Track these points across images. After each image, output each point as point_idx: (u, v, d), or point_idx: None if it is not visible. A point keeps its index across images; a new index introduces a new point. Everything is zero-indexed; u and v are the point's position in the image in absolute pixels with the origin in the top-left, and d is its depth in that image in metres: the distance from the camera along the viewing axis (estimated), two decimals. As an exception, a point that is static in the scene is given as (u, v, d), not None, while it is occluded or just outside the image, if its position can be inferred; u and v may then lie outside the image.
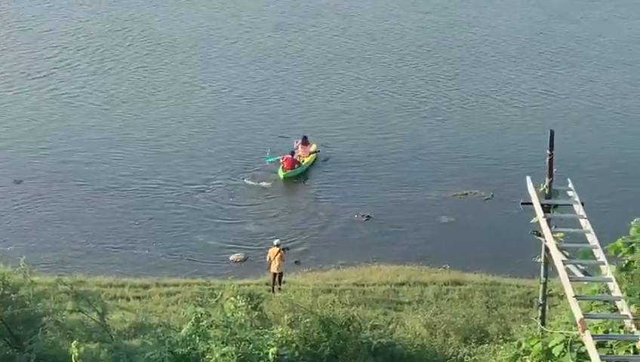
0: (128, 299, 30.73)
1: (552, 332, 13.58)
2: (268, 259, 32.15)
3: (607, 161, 42.70)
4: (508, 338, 21.68)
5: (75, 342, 16.88)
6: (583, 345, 12.59)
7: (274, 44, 55.85)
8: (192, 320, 20.37)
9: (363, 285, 32.11)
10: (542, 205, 15.35)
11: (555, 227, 15.20)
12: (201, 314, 20.43)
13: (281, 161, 41.52)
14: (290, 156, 41.51)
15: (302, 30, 58.17)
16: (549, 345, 13.27)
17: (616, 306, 13.32)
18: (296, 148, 42.43)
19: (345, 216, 38.10)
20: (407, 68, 52.85)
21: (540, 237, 15.76)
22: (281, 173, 41.34)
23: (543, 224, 14.97)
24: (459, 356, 24.41)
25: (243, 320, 21.09)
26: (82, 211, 38.09)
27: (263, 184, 40.84)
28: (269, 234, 35.64)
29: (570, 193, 15.72)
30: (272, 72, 52.00)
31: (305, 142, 42.74)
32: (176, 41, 55.89)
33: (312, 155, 42.63)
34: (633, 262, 14.23)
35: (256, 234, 36.61)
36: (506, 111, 47.82)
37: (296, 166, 41.62)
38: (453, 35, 57.72)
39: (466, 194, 39.53)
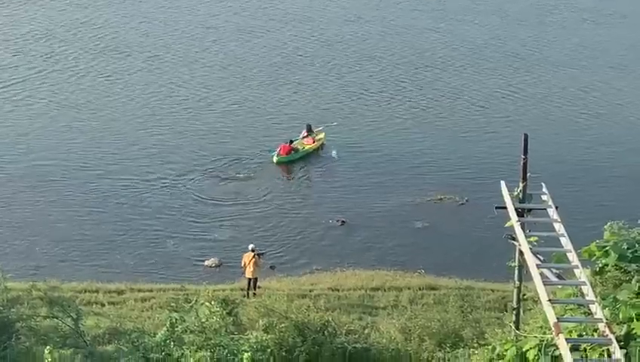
0: (103, 305, 30.55)
1: (526, 336, 13.65)
2: (243, 264, 32.08)
3: (581, 166, 42.91)
4: (482, 342, 21.75)
5: (48, 347, 16.83)
6: (557, 348, 12.65)
7: (238, 49, 55.86)
8: (167, 325, 20.34)
9: (338, 290, 32.07)
10: (516, 209, 15.42)
11: (530, 231, 15.27)
12: (176, 320, 20.41)
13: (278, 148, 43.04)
14: (288, 144, 42.90)
15: (266, 35, 58.15)
16: (524, 349, 13.33)
17: (590, 310, 13.38)
18: (302, 137, 43.91)
19: (320, 221, 38.07)
20: (379, 74, 52.88)
21: (514, 241, 15.83)
22: (275, 158, 42.56)
23: (517, 228, 15.04)
24: (433, 360, 24.42)
25: (218, 325, 21.07)
26: (56, 217, 37.86)
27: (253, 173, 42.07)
28: (244, 239, 35.49)
29: (544, 197, 15.80)
30: (238, 76, 51.98)
31: (309, 130, 44.09)
32: (145, 45, 55.80)
33: (314, 144, 43.88)
34: (607, 265, 14.32)
35: (230, 239, 36.52)
36: (480, 116, 47.96)
37: (292, 152, 42.96)
38: (422, 41, 57.82)
39: (441, 199, 39.59)
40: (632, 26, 61.44)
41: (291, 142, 43.22)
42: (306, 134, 44.16)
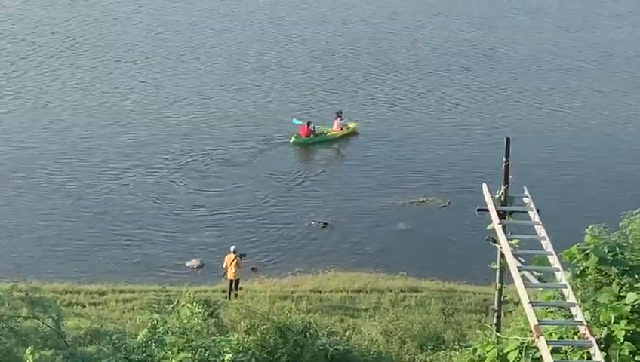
0: (84, 306, 30.48)
1: (507, 339, 13.70)
2: (224, 265, 32.03)
3: (563, 169, 43.01)
4: (464, 344, 21.81)
5: (29, 348, 16.74)
6: (538, 350, 12.70)
7: (212, 48, 55.99)
8: (148, 326, 20.27)
9: (320, 292, 32.08)
10: (498, 212, 15.45)
11: (511, 233, 15.31)
12: (157, 321, 20.33)
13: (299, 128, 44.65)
14: (306, 125, 44.45)
15: (237, 35, 58.14)
16: (504, 351, 13.39)
17: (570, 312, 13.43)
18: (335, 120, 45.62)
19: (302, 222, 38.06)
20: (355, 75, 52.79)
21: (495, 244, 15.88)
22: (292, 138, 44.28)
23: (499, 230, 15.08)
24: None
25: (199, 326, 21.02)
26: (37, 217, 37.67)
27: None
28: (226, 240, 35.47)
29: (525, 200, 15.85)
30: (218, 72, 52.27)
31: (338, 116, 45.48)
32: (118, 42, 55.85)
33: (341, 131, 45.28)
34: (588, 268, 14.39)
35: (212, 240, 36.46)
36: (463, 118, 48.01)
37: (311, 135, 44.57)
38: (398, 43, 57.83)
39: (423, 201, 39.65)
40: (609, 29, 61.73)
41: (309, 124, 44.50)
42: (335, 119, 45.50)
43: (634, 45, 58.81)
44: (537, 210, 15.40)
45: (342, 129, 45.42)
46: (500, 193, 15.95)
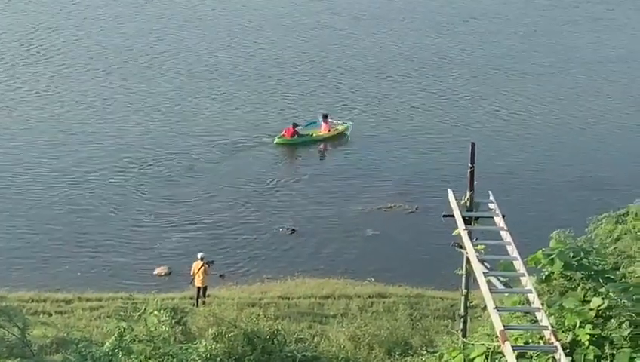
0: (50, 314, 30.29)
1: (473, 344, 13.72)
2: (192, 272, 31.95)
3: (528, 174, 43.22)
4: (431, 350, 21.85)
5: (-6, 358, 16.65)
6: (504, 356, 12.74)
7: (159, 54, 56.03)
8: (115, 334, 20.20)
9: (288, 298, 32.06)
10: (463, 217, 15.50)
11: (477, 239, 15.36)
12: (124, 329, 20.27)
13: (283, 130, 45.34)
14: (292, 127, 44.96)
15: (189, 40, 58.20)
16: (470, 357, 13.41)
17: (536, 317, 13.49)
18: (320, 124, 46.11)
19: (270, 229, 38.02)
20: (320, 81, 52.90)
21: (461, 250, 15.93)
22: (276, 139, 44.91)
23: (464, 236, 15.13)
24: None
25: (166, 334, 20.99)
26: (1, 226, 37.45)
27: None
28: (194, 247, 35.36)
29: (491, 205, 15.90)
30: (184, 79, 52.19)
31: (324, 119, 45.95)
32: (82, 49, 55.67)
33: (329, 132, 45.79)
34: (553, 273, 14.44)
35: (180, 247, 36.35)
36: (428, 124, 48.12)
37: (295, 136, 45.05)
38: (360, 49, 57.97)
39: (391, 207, 39.72)
40: (569, 35, 62.14)
41: (295, 125, 44.90)
42: (322, 122, 45.96)
43: (594, 51, 59.24)
44: (503, 216, 15.46)
45: (329, 130, 45.55)
46: (466, 199, 15.99)
